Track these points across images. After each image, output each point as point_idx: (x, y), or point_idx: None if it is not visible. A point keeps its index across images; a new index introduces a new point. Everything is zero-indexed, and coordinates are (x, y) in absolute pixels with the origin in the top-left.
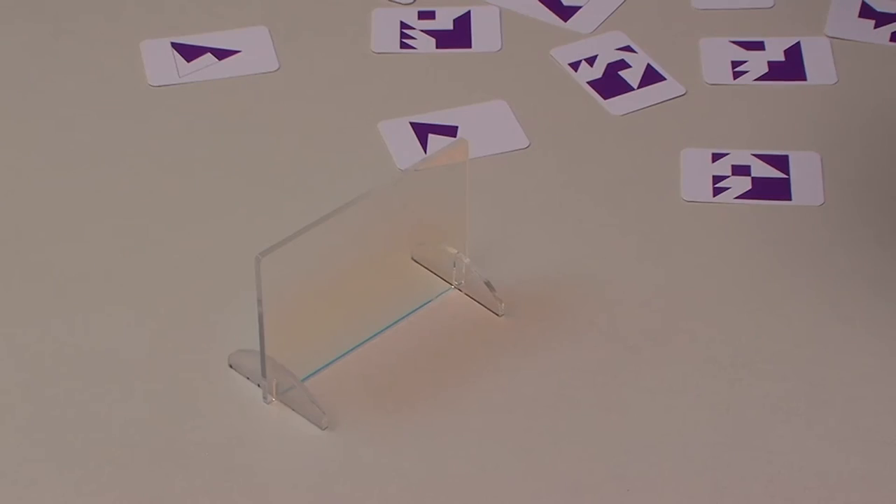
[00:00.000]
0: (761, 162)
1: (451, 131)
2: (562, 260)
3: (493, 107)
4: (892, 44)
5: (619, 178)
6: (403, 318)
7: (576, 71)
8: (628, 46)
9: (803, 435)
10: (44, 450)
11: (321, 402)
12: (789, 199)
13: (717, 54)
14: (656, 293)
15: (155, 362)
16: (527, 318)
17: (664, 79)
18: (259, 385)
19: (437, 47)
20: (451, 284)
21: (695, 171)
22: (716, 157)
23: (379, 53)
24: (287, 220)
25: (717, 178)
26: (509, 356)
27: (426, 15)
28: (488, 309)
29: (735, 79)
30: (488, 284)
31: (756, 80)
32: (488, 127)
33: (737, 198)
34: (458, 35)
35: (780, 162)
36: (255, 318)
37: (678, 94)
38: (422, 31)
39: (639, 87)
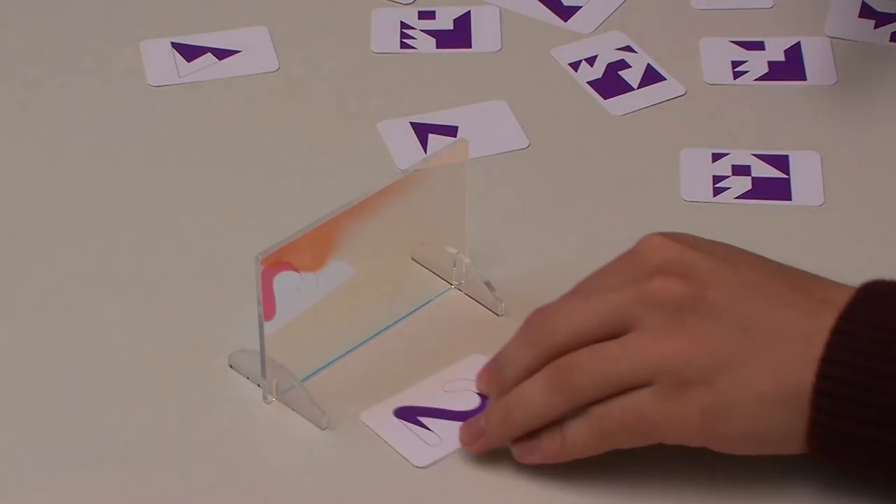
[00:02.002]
0: (761, 162)
1: (451, 131)
2: (562, 260)
3: (493, 107)
4: (892, 44)
5: (618, 178)
6: (403, 318)
7: (576, 71)
8: (628, 46)
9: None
10: (44, 450)
11: (321, 402)
12: (789, 199)
13: (717, 54)
14: None
15: (155, 362)
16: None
17: (664, 79)
18: (259, 385)
19: (437, 47)
20: (451, 284)
21: (695, 171)
22: (716, 157)
23: (379, 53)
24: (287, 220)
25: (717, 178)
26: None
27: (426, 15)
28: (488, 309)
29: (735, 79)
30: (488, 284)
31: (756, 80)
32: (488, 127)
33: (737, 198)
34: (458, 35)
35: (780, 162)
36: (255, 318)
37: (678, 94)
38: (422, 31)
39: (639, 87)
